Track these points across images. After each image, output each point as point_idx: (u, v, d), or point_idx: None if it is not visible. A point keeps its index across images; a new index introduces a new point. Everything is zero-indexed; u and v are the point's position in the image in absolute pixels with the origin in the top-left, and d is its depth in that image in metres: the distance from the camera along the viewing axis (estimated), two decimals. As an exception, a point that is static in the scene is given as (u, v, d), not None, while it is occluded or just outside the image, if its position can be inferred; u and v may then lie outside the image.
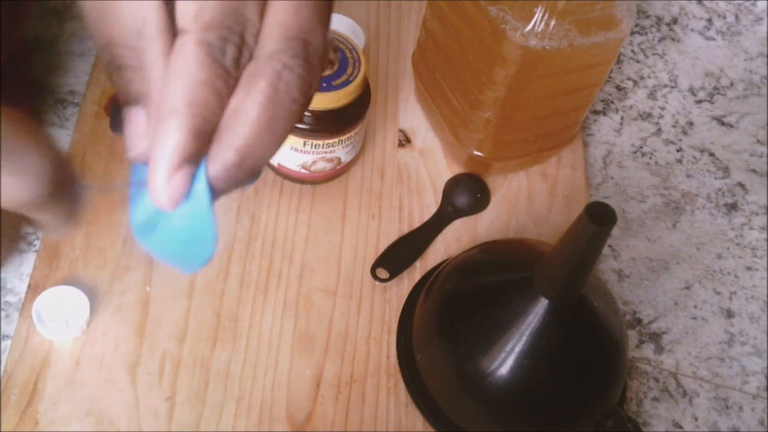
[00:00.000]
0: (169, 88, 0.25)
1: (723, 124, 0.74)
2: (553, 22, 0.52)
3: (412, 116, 0.68)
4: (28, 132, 0.26)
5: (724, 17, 0.81)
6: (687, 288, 0.64)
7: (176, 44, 0.26)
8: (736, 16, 0.81)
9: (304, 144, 0.58)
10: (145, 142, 0.27)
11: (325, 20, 0.28)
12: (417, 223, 0.63)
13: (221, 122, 0.27)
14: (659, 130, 0.73)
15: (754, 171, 0.72)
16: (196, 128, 0.26)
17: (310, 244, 0.60)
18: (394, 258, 0.60)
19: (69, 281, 0.56)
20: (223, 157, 0.27)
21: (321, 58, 0.28)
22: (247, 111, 0.26)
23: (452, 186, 0.65)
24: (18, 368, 0.53)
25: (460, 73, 0.60)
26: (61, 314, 0.54)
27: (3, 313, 0.55)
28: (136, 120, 0.27)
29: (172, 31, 0.26)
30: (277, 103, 0.27)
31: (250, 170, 0.27)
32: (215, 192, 0.27)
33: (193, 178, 0.27)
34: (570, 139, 0.66)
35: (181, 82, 0.25)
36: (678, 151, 0.72)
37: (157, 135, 0.26)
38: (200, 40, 0.25)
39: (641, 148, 0.72)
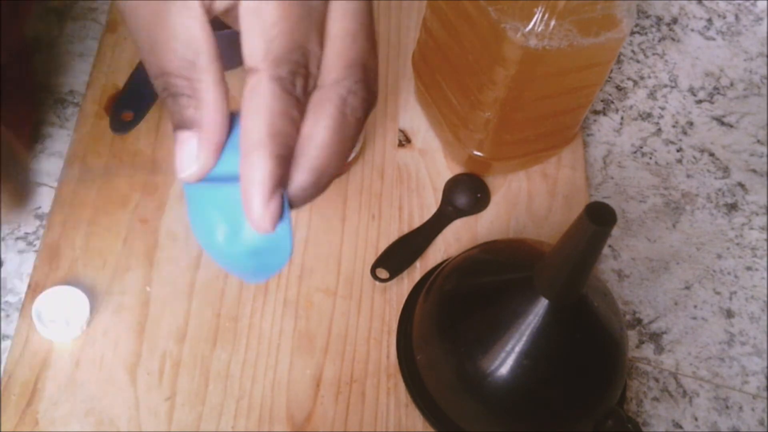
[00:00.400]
0: (249, 124, 0.28)
1: (723, 124, 0.74)
2: (553, 22, 0.52)
3: (412, 116, 0.68)
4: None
5: (724, 17, 0.81)
6: (687, 288, 0.64)
7: (249, 83, 0.28)
8: (736, 16, 0.81)
9: (304, 144, 0.58)
10: (196, 166, 0.29)
11: (375, 44, 0.31)
12: (417, 223, 0.63)
13: (296, 148, 0.29)
14: (659, 130, 0.73)
15: (754, 171, 0.72)
16: (280, 156, 0.28)
17: (310, 244, 0.60)
18: (394, 258, 0.60)
19: (69, 281, 0.56)
20: (300, 179, 0.29)
21: (376, 78, 0.31)
22: (319, 135, 0.29)
23: (452, 186, 0.65)
24: (18, 368, 0.53)
25: (460, 73, 0.60)
26: (61, 314, 0.54)
27: (3, 313, 0.55)
28: (188, 144, 0.29)
29: (222, 60, 0.29)
30: (345, 126, 0.29)
31: (324, 187, 0.30)
32: (291, 208, 0.30)
33: None
34: (570, 139, 0.66)
35: (261, 117, 0.28)
36: (678, 151, 0.72)
37: (245, 168, 0.28)
38: (273, 76, 0.28)
39: (641, 148, 0.72)
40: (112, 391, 0.53)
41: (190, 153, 0.29)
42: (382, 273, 0.59)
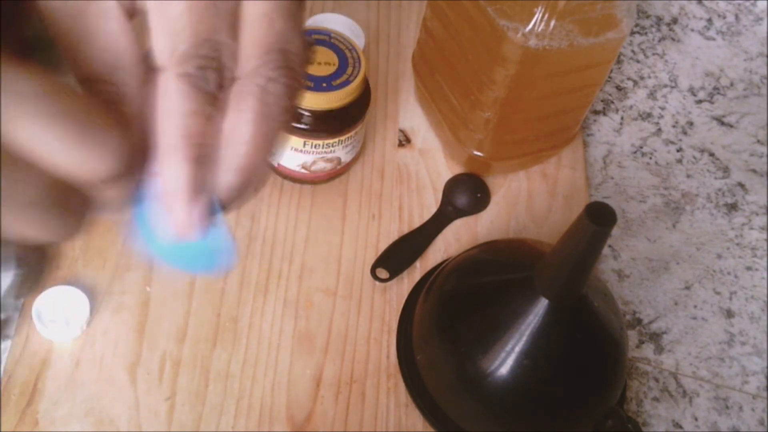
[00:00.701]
0: (162, 128, 0.26)
1: (723, 124, 0.74)
2: (553, 22, 0.52)
3: (412, 116, 0.68)
4: (103, 107, 0.27)
5: (724, 17, 0.81)
6: (687, 288, 0.64)
7: (159, 85, 0.26)
8: (736, 16, 0.81)
9: (304, 144, 0.58)
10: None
11: (300, 22, 0.28)
12: (417, 223, 0.63)
13: (219, 147, 0.27)
14: (659, 130, 0.73)
15: (754, 171, 0.72)
16: (198, 157, 0.26)
17: (310, 244, 0.60)
18: (394, 258, 0.60)
19: (69, 281, 0.56)
20: (226, 180, 0.27)
21: (302, 61, 0.28)
22: (241, 130, 0.27)
23: (452, 186, 0.65)
24: (18, 368, 0.53)
25: (460, 73, 0.60)
26: (61, 314, 0.54)
27: (3, 314, 0.55)
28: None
29: (147, 62, 0.27)
30: (268, 117, 0.27)
31: (255, 184, 0.28)
32: (225, 209, 0.28)
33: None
34: (570, 139, 0.66)
35: (173, 118, 0.26)
36: (678, 151, 0.72)
37: (162, 174, 0.26)
38: (180, 74, 0.26)
39: (641, 148, 0.72)
40: (112, 391, 0.53)
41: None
42: (382, 273, 0.59)
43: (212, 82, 0.26)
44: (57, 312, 0.54)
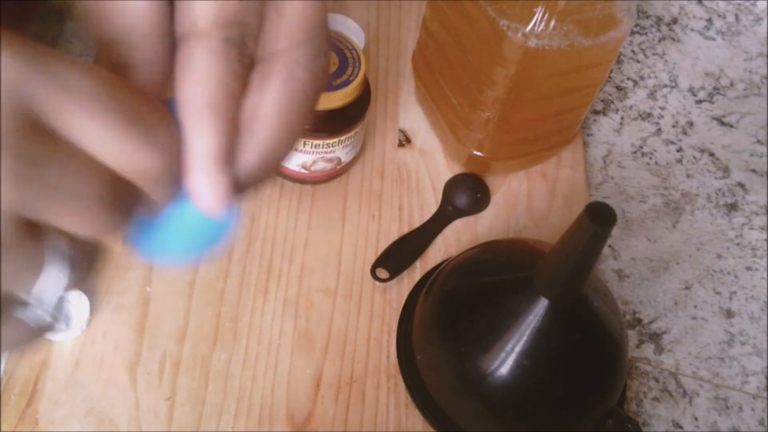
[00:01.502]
0: (193, 95, 0.26)
1: (723, 124, 0.74)
2: (553, 22, 0.52)
3: (412, 116, 0.68)
4: (157, 106, 0.27)
5: (724, 17, 0.81)
6: (687, 288, 0.64)
7: (190, 48, 0.26)
8: (736, 16, 0.81)
9: (304, 144, 0.58)
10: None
11: (326, 16, 0.29)
12: (417, 223, 0.63)
13: (242, 125, 0.27)
14: (659, 130, 0.73)
15: (754, 171, 0.72)
16: (226, 130, 0.26)
17: (310, 244, 0.60)
18: (394, 258, 0.60)
19: (69, 281, 0.56)
20: (249, 159, 0.27)
21: (327, 54, 0.29)
22: (265, 111, 0.27)
23: (452, 186, 0.65)
24: (18, 368, 0.53)
25: (460, 73, 0.60)
26: (61, 314, 0.54)
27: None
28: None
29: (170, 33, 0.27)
30: (294, 101, 0.27)
31: (271, 170, 0.28)
32: (242, 192, 0.28)
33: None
34: (570, 139, 0.66)
35: (205, 86, 0.26)
36: (678, 151, 0.72)
37: (192, 144, 0.26)
38: (224, 38, 0.26)
39: (641, 148, 0.72)
40: (112, 391, 0.53)
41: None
42: (382, 273, 0.59)
43: (250, 51, 0.26)
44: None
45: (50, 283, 0.26)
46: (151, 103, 0.25)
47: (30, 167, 0.22)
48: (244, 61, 0.26)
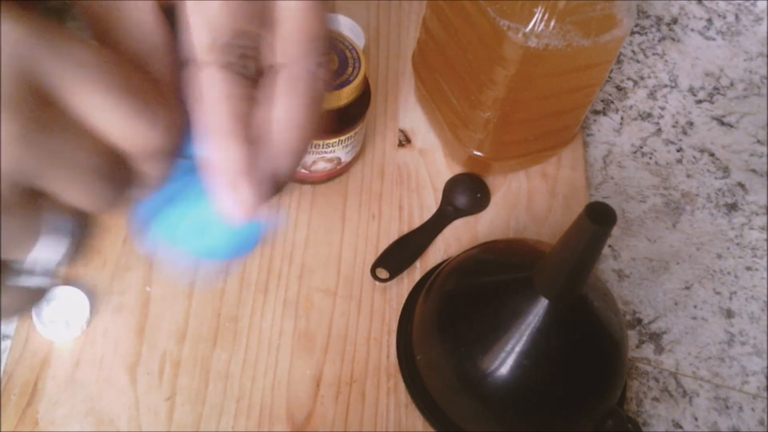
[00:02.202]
0: (212, 115, 0.28)
1: (723, 124, 0.74)
2: (553, 23, 0.52)
3: (412, 116, 0.68)
4: (158, 86, 0.28)
5: (724, 17, 0.81)
6: (687, 288, 0.64)
7: (200, 77, 0.28)
8: (736, 16, 0.81)
9: (304, 144, 0.58)
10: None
11: (327, 27, 0.30)
12: (417, 223, 0.63)
13: (268, 130, 0.29)
14: (659, 130, 0.73)
15: (754, 171, 0.72)
16: (250, 138, 0.28)
17: (310, 244, 0.60)
18: (394, 258, 0.60)
19: (69, 281, 0.56)
20: (280, 163, 0.29)
21: (328, 55, 0.30)
22: (277, 126, 0.28)
23: (452, 186, 0.65)
24: (18, 368, 0.53)
25: (460, 73, 0.60)
26: (61, 314, 0.54)
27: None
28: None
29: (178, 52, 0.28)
30: (315, 103, 0.29)
31: (290, 176, 0.30)
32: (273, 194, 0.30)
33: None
34: (570, 139, 0.66)
35: (221, 105, 0.27)
36: (678, 151, 0.72)
37: (219, 157, 0.28)
38: (223, 63, 0.27)
39: (641, 148, 0.72)
40: (112, 391, 0.53)
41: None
42: (382, 273, 0.59)
43: (251, 69, 0.28)
44: (57, 312, 0.54)
45: (46, 251, 0.27)
46: (153, 83, 0.27)
47: (32, 132, 0.23)
48: (247, 81, 0.28)
